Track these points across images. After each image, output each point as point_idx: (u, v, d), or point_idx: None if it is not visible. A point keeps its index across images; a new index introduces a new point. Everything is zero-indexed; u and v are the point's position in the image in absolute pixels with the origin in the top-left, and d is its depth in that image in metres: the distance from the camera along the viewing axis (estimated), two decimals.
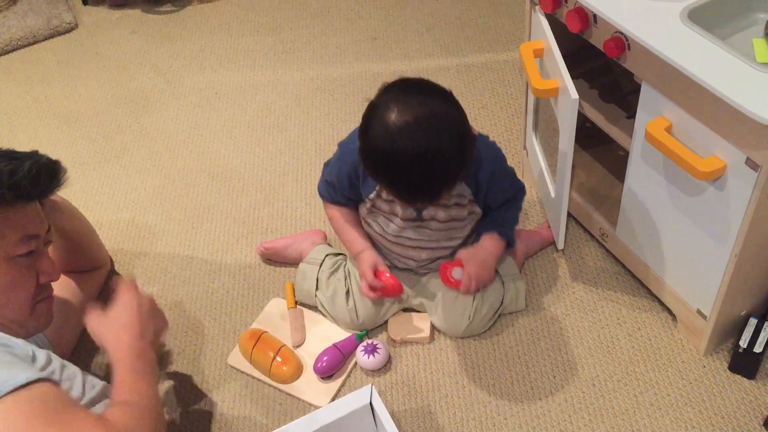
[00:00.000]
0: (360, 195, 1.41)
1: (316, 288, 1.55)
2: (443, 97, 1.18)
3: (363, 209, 1.44)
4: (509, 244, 1.47)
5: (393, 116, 1.13)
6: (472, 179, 1.35)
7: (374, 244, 1.49)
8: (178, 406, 1.47)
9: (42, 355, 1.12)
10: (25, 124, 2.18)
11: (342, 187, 1.41)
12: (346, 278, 1.53)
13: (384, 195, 1.37)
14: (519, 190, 1.47)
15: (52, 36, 2.52)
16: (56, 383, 1.05)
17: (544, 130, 1.61)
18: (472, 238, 1.49)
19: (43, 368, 1.09)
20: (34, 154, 1.18)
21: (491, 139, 1.41)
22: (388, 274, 1.44)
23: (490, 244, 1.43)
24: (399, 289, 1.44)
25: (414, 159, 1.13)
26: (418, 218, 1.38)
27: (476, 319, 1.47)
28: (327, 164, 1.46)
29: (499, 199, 1.43)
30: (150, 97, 2.23)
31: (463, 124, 1.19)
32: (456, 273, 1.42)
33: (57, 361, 1.14)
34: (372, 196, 1.38)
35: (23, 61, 2.44)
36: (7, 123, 2.19)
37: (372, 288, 1.43)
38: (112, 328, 1.18)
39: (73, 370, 1.16)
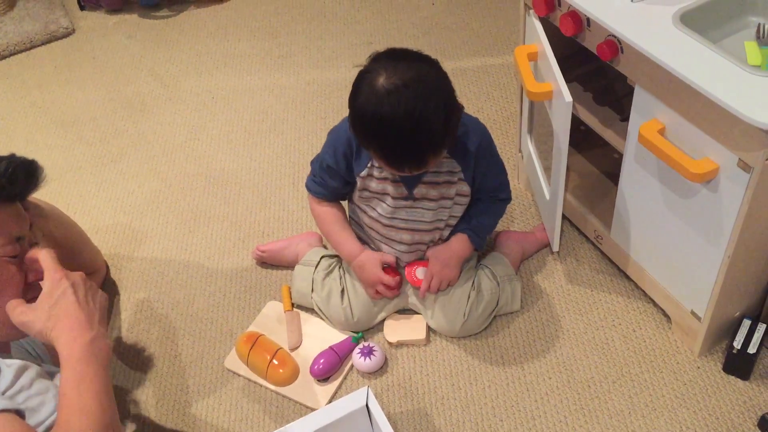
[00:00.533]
0: (354, 176, 1.41)
1: (312, 290, 1.55)
2: (430, 64, 1.22)
3: (356, 195, 1.44)
4: (477, 248, 1.50)
5: (381, 80, 1.17)
6: (461, 152, 1.36)
7: (364, 235, 1.50)
8: (174, 410, 1.47)
9: (9, 372, 1.08)
10: (22, 129, 2.19)
11: (339, 169, 1.39)
12: (341, 278, 1.53)
13: (375, 173, 1.37)
14: (505, 185, 1.48)
15: (49, 41, 2.52)
16: (13, 411, 1.01)
17: (538, 133, 1.61)
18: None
19: (8, 388, 1.06)
20: (9, 156, 1.18)
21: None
22: (391, 271, 1.49)
23: (457, 245, 1.46)
24: (400, 284, 1.50)
25: (401, 120, 1.16)
26: (410, 197, 1.39)
27: (471, 318, 1.48)
28: (314, 161, 1.46)
29: (486, 181, 1.43)
30: (147, 102, 2.24)
31: (448, 89, 1.22)
32: (419, 272, 1.47)
33: (28, 375, 1.10)
34: (363, 174, 1.38)
35: (20, 65, 2.45)
36: (4, 128, 2.20)
37: (387, 286, 1.47)
38: (50, 319, 1.07)
39: (46, 384, 1.11)
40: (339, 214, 1.49)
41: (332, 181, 1.43)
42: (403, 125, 1.16)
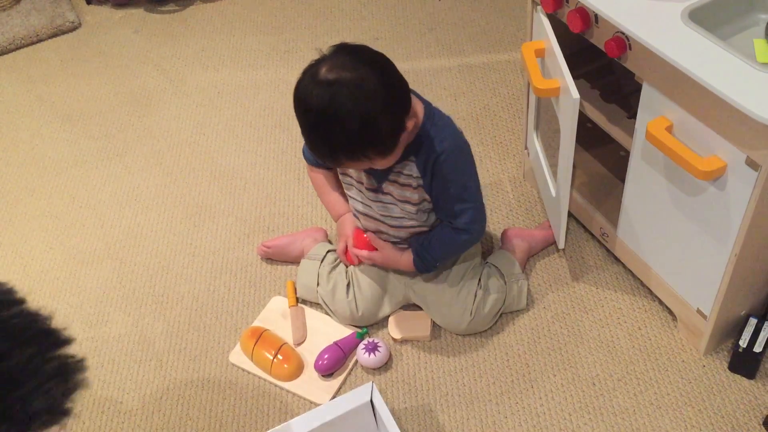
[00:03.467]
0: None
1: (317, 283, 1.55)
2: (381, 76, 1.17)
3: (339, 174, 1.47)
4: (420, 272, 1.46)
5: (322, 69, 1.16)
6: (422, 159, 1.31)
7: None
8: (179, 404, 1.47)
9: None
10: (28, 123, 2.19)
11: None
12: (346, 272, 1.54)
13: None
14: (465, 214, 1.36)
15: (55, 35, 2.52)
16: None
17: (545, 129, 1.61)
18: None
19: None
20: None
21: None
22: (365, 237, 1.50)
23: (406, 259, 1.45)
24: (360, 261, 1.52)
25: (315, 114, 1.17)
26: (379, 190, 1.39)
27: (478, 316, 1.47)
28: None
29: (441, 201, 1.36)
30: (152, 96, 2.24)
31: (384, 102, 1.16)
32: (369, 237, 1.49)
33: None
34: None
35: (26, 59, 2.45)
36: (10, 121, 2.20)
37: (347, 253, 1.51)
38: None
39: None
40: (330, 177, 1.52)
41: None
42: (316, 120, 1.18)
